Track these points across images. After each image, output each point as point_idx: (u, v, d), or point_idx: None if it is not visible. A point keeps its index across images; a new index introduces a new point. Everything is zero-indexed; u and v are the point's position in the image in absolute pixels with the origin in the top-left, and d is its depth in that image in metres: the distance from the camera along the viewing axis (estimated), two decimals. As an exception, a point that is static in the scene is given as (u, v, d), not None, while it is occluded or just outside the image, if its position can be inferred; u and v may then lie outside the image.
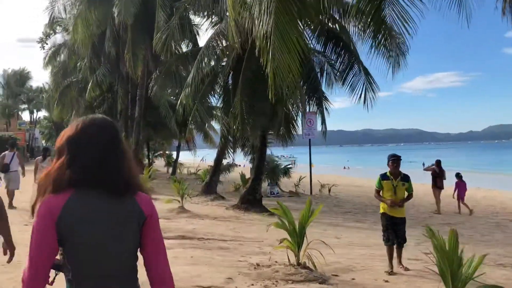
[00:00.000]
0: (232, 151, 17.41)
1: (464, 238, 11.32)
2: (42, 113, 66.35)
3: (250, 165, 22.09)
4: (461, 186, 15.51)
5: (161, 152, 35.76)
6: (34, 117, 67.69)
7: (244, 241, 8.84)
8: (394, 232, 6.46)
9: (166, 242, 1.90)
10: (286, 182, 21.46)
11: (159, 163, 41.77)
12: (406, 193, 6.62)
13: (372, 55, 9.62)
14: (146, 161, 33.41)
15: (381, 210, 6.70)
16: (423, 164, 70.46)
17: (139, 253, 1.73)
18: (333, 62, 13.36)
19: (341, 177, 38.60)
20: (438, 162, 15.99)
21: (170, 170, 35.74)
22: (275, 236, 7.91)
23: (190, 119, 15.86)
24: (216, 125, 29.92)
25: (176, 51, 17.74)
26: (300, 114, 12.56)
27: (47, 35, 28.22)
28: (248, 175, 20.60)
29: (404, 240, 6.53)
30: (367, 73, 12.94)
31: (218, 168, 17.52)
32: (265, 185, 21.63)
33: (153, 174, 20.63)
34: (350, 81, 13.07)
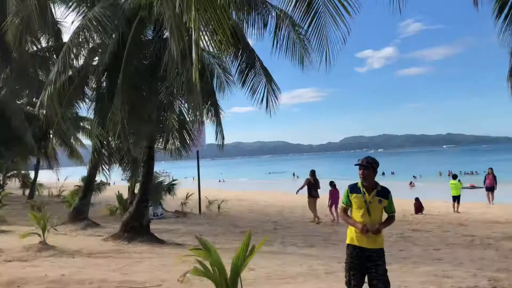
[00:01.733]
0: (107, 167, 14.59)
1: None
2: None
3: (127, 183, 19.35)
4: (334, 194, 15.83)
5: (15, 171, 30.36)
6: None
7: (137, 289, 6.54)
8: (361, 274, 4.61)
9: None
10: (170, 201, 19.14)
11: (13, 185, 35.76)
12: (383, 214, 4.80)
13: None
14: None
15: (348, 239, 4.84)
16: (293, 174, 73.66)
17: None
18: (229, 61, 11.62)
19: (222, 191, 37.15)
20: (313, 172, 16.16)
21: (27, 192, 30.58)
22: (176, 274, 5.90)
23: (52, 130, 12.76)
24: (84, 138, 26.29)
25: (34, 46, 14.40)
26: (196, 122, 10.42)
27: None
28: (126, 195, 17.86)
29: (385, 286, 4.54)
30: (267, 74, 11.50)
31: (89, 188, 14.55)
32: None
33: (4, 199, 16.67)
34: (251, 82, 11.48)
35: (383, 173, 69.44)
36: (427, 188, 41.38)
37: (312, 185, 15.85)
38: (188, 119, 10.79)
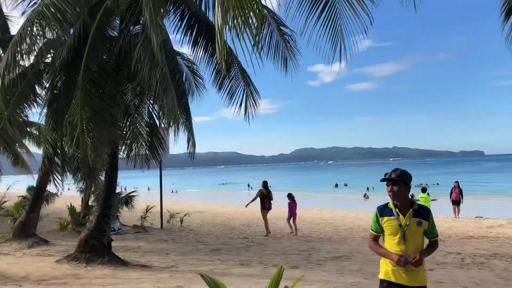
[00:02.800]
0: (59, 177, 12.98)
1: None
2: None
3: (79, 194, 17.65)
4: (292, 206, 16.01)
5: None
6: None
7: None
8: None
9: None
10: (126, 214, 17.61)
11: None
12: (423, 239, 3.79)
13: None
14: None
15: (381, 273, 3.87)
16: (248, 185, 72.86)
17: None
18: (204, 60, 10.47)
19: (178, 202, 35.54)
20: (265, 184, 16.01)
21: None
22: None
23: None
24: (30, 145, 24.08)
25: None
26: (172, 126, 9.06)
27: None
28: (78, 206, 16.21)
29: None
30: (246, 76, 10.51)
31: (38, 201, 12.85)
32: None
33: None
34: (228, 85, 10.43)
35: (336, 185, 70.21)
36: (382, 201, 41.62)
37: (265, 196, 15.56)
38: (161, 123, 9.55)
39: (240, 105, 10.31)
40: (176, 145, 9.49)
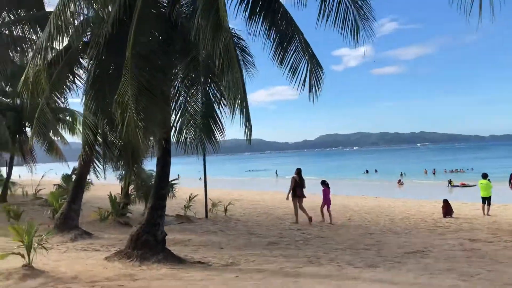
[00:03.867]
0: (101, 165, 12.07)
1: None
2: None
3: (119, 183, 16.84)
4: (326, 193, 15.54)
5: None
6: None
7: None
8: None
9: None
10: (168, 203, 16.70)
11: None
12: None
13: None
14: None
15: None
16: (276, 172, 71.65)
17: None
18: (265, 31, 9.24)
19: (213, 190, 34.67)
20: (299, 171, 15.38)
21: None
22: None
23: (36, 117, 10.19)
24: (64, 132, 23.45)
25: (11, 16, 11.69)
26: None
27: None
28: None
29: None
30: (309, 50, 9.27)
31: (79, 190, 11.97)
32: (137, 208, 16.56)
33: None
34: (290, 60, 9.21)
35: (367, 171, 68.37)
36: (418, 187, 39.99)
37: (298, 184, 15.05)
38: (220, 102, 8.38)
39: (304, 81, 9.10)
40: (232, 126, 8.32)
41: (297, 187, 14.98)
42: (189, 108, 8.53)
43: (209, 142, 8.35)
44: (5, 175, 28.41)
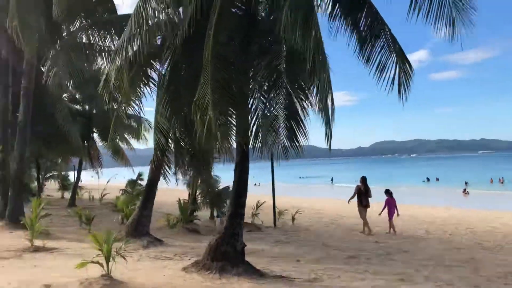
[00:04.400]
0: (169, 169, 11.81)
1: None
2: None
3: (187, 189, 16.65)
4: (391, 203, 14.79)
5: (56, 172, 28.21)
6: None
7: None
8: None
9: None
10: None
11: (51, 186, 33.74)
12: None
13: None
14: (35, 184, 25.78)
15: None
16: (332, 179, 69.93)
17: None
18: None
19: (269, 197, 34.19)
20: (364, 179, 14.77)
21: (66, 194, 28.40)
22: None
23: (113, 120, 10.08)
24: (130, 138, 23.77)
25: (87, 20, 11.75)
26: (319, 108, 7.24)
27: None
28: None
29: None
30: (397, 45, 8.48)
31: (151, 196, 11.78)
32: (203, 214, 16.28)
33: (46, 206, 14.06)
34: (376, 57, 8.47)
35: (428, 179, 65.17)
36: (485, 197, 37.35)
37: (363, 193, 14.44)
38: (303, 103, 7.79)
39: (393, 80, 8.31)
40: (329, 132, 7.68)
41: (362, 196, 14.43)
42: (271, 110, 8.02)
43: (291, 146, 7.78)
44: (72, 180, 29.41)
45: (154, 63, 11.01)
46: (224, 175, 15.30)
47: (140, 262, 8.97)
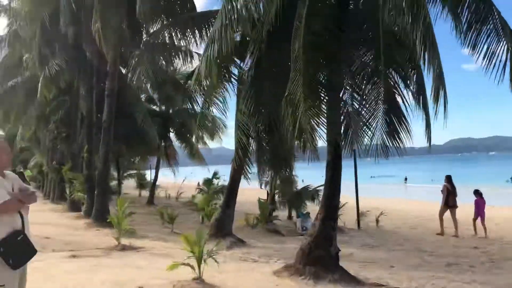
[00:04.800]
0: (251, 169, 11.49)
1: None
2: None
3: (264, 188, 16.34)
4: (480, 203, 13.74)
5: (134, 171, 29.19)
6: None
7: None
8: None
9: None
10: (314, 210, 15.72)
11: (127, 184, 34.99)
12: None
13: None
14: (112, 183, 26.76)
15: None
16: (405, 179, 66.94)
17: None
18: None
19: (344, 197, 33.18)
20: (449, 178, 14.09)
21: (143, 193, 29.30)
22: None
23: (199, 118, 9.94)
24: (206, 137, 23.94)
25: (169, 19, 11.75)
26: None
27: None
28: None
29: None
30: (507, 31, 7.52)
31: (233, 195, 11.55)
32: (280, 214, 15.87)
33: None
34: (483, 44, 7.58)
35: (512, 179, 60.31)
36: None
37: (450, 192, 13.80)
38: (403, 96, 7.09)
39: (503, 68, 7.38)
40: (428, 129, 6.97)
41: (450, 196, 13.73)
42: (365, 105, 7.41)
43: (391, 143, 7.11)
44: (148, 179, 30.31)
45: (236, 59, 10.78)
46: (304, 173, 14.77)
47: (226, 264, 8.67)
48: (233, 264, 8.61)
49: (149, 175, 32.31)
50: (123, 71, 16.88)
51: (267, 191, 15.80)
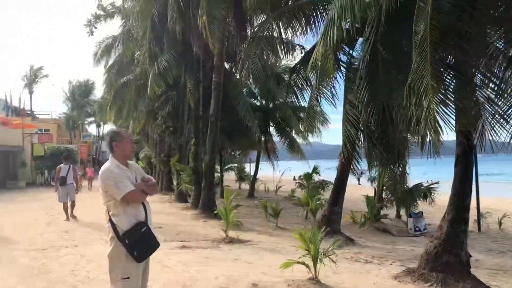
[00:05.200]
0: (359, 164, 10.83)
1: None
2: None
3: (370, 184, 15.53)
4: None
5: (235, 164, 29.64)
6: (101, 130, 65.99)
7: None
8: None
9: None
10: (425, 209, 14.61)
11: (227, 176, 35.68)
12: None
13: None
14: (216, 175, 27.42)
15: None
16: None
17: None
18: None
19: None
20: None
21: (243, 186, 29.68)
22: None
23: (306, 111, 9.60)
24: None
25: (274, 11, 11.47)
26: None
27: (96, 18, 22.99)
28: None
29: None
30: None
31: (341, 191, 11.01)
32: (388, 213, 14.96)
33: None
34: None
35: None
36: None
37: None
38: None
39: None
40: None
41: None
42: (503, 94, 6.48)
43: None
44: (247, 172, 30.64)
45: (344, 46, 10.21)
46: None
47: (339, 263, 8.23)
48: (346, 265, 8.12)
49: (247, 168, 32.70)
50: (226, 65, 17.07)
51: (374, 188, 14.98)
